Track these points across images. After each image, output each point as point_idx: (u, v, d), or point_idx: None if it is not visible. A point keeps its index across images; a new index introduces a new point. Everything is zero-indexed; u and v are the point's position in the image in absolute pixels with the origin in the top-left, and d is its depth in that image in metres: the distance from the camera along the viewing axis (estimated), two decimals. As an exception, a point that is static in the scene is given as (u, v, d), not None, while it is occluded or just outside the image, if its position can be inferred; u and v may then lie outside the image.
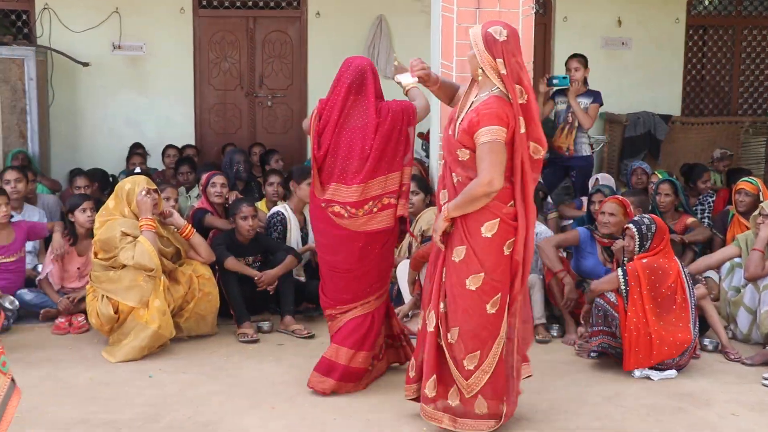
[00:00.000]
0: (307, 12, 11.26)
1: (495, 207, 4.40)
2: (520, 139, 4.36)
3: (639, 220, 5.84)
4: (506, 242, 4.46)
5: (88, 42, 10.72)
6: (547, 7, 11.68)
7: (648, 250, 5.74)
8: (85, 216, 6.78)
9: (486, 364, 4.47)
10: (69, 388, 5.29)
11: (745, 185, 7.38)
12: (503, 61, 4.33)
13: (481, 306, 4.45)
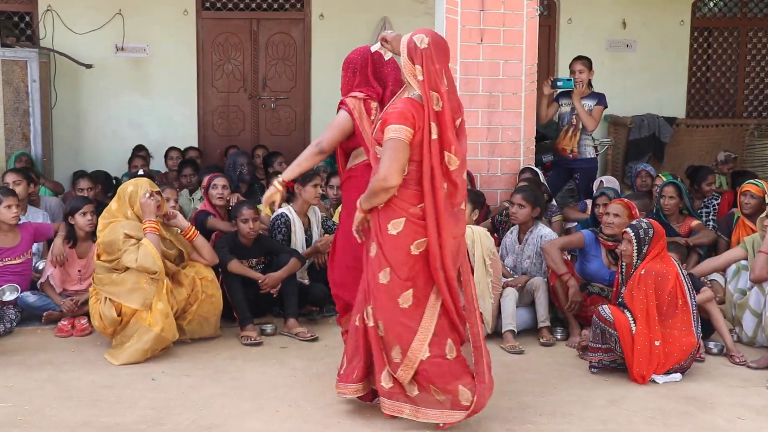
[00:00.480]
0: (310, 14, 11.26)
1: (402, 206, 4.53)
2: (430, 144, 4.47)
3: (637, 224, 5.80)
4: (414, 242, 4.55)
5: (91, 44, 10.72)
6: (551, 8, 11.67)
7: (646, 254, 5.70)
8: (85, 219, 6.75)
9: (408, 359, 4.55)
10: (71, 391, 5.27)
11: (750, 187, 7.37)
12: (421, 67, 4.46)
13: (393, 300, 4.56)
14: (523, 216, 6.86)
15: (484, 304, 6.33)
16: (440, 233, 4.52)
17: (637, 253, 5.70)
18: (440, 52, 4.52)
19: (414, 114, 4.45)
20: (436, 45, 4.51)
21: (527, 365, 5.91)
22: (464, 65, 7.73)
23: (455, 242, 4.64)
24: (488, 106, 7.80)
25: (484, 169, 7.86)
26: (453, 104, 4.59)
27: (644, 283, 5.56)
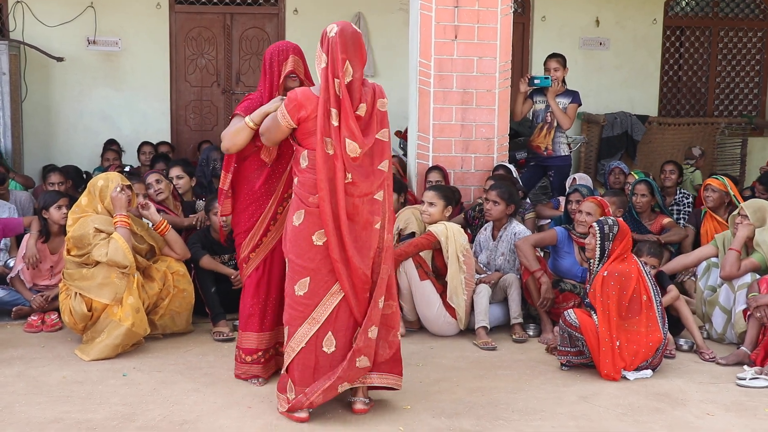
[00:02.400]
0: (284, 9, 11.22)
1: (302, 196, 4.65)
2: (330, 131, 4.53)
3: (603, 219, 5.84)
4: (315, 232, 4.62)
5: (62, 37, 10.64)
6: (525, 6, 11.70)
7: (609, 252, 5.72)
8: (60, 213, 6.70)
9: (293, 342, 4.64)
10: (42, 387, 5.22)
11: (711, 182, 7.84)
12: (326, 55, 4.53)
13: (290, 286, 4.68)
14: (497, 213, 6.88)
15: (458, 301, 6.35)
16: (338, 224, 4.57)
17: (600, 249, 5.73)
18: (348, 44, 4.51)
19: (300, 100, 4.57)
20: (344, 35, 4.52)
21: (500, 362, 5.92)
22: (438, 62, 7.73)
23: (366, 234, 4.66)
24: (462, 102, 7.81)
25: (458, 165, 7.88)
26: (357, 94, 4.58)
27: (607, 285, 5.59)
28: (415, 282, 6.39)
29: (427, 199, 6.63)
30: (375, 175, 4.63)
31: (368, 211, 4.64)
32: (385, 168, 4.67)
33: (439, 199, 6.58)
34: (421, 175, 7.87)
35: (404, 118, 9.11)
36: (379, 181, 4.66)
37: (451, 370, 5.68)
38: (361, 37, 4.59)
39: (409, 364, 5.76)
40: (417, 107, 7.87)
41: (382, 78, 11.22)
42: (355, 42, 4.55)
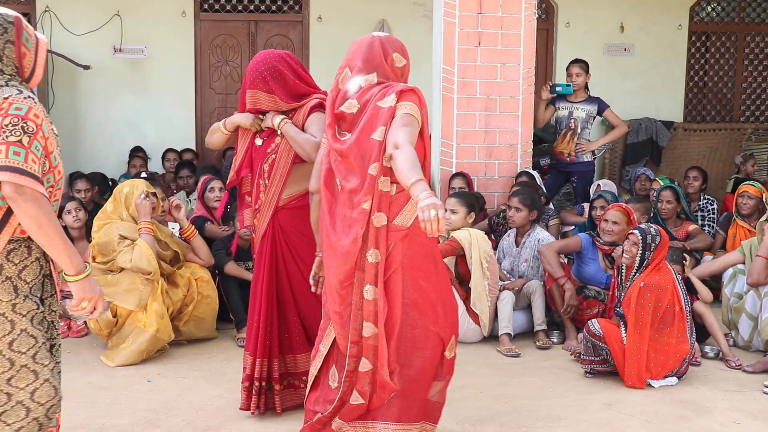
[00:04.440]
0: (308, 16, 11.25)
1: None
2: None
3: (646, 228, 5.72)
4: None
5: (89, 45, 10.72)
6: (549, 12, 11.68)
7: (648, 261, 5.67)
8: (71, 217, 6.74)
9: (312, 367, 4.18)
10: (67, 393, 5.23)
11: (748, 188, 7.54)
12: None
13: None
14: (520, 219, 6.87)
15: (481, 307, 6.34)
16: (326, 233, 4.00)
17: (640, 258, 5.67)
18: (351, 50, 4.12)
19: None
20: (352, 44, 4.16)
21: (523, 368, 5.90)
22: (461, 68, 7.74)
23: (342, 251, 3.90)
24: (486, 109, 7.80)
25: (482, 172, 7.87)
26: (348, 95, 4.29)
27: (643, 296, 5.53)
28: (438, 288, 6.38)
29: (449, 206, 6.63)
30: (362, 178, 3.84)
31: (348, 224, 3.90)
32: (374, 171, 3.80)
33: (461, 206, 6.58)
34: (444, 181, 7.86)
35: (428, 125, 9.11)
36: (367, 187, 3.81)
37: (475, 377, 5.67)
38: (372, 41, 4.06)
39: (433, 371, 5.76)
40: (440, 114, 7.87)
41: (405, 85, 11.22)
42: (359, 46, 4.09)
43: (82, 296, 3.12)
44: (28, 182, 2.93)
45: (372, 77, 3.98)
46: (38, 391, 3.15)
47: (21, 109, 3.00)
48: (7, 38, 3.15)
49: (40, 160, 3.01)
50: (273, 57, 4.67)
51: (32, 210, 2.94)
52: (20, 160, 2.93)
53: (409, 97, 3.83)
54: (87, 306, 3.13)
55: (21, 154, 2.94)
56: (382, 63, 4.03)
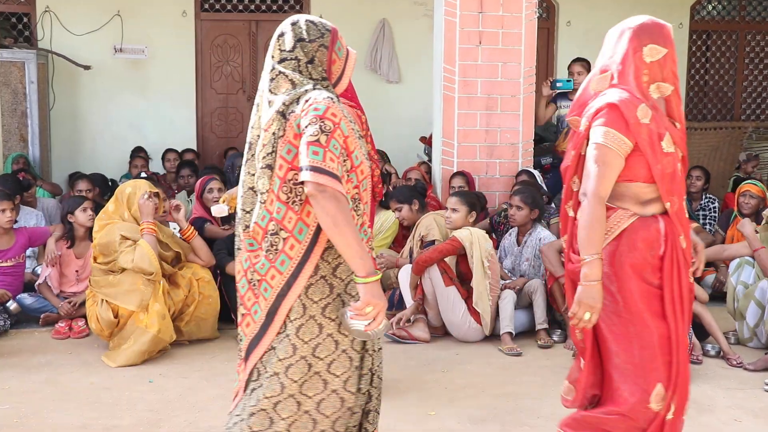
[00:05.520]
0: (309, 16, 11.24)
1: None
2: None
3: None
4: None
5: (89, 45, 10.72)
6: (550, 11, 11.68)
7: None
8: (86, 215, 6.75)
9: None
10: (69, 394, 5.26)
11: (750, 187, 7.52)
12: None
13: None
14: (521, 218, 6.87)
15: (483, 306, 6.34)
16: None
17: None
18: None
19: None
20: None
21: (525, 367, 5.90)
22: (462, 67, 7.73)
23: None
24: (486, 108, 7.80)
25: (483, 171, 7.87)
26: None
27: None
28: (440, 288, 6.39)
29: (450, 205, 6.63)
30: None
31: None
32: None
33: (462, 205, 6.58)
34: (445, 180, 7.86)
35: (429, 124, 9.11)
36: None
37: (477, 376, 5.67)
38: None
39: (434, 370, 5.77)
40: (441, 113, 7.87)
41: (406, 84, 11.24)
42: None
43: (369, 300, 3.04)
44: (327, 180, 2.96)
45: None
46: (324, 402, 3.22)
47: (319, 109, 3.04)
48: (322, 42, 3.24)
49: (339, 159, 3.03)
50: None
51: (330, 208, 2.97)
52: (319, 159, 2.97)
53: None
54: (370, 312, 3.05)
55: (319, 153, 2.98)
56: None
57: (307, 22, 3.26)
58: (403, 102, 11.22)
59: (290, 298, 3.15)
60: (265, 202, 3.16)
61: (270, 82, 3.22)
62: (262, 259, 3.17)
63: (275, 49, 3.25)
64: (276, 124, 3.11)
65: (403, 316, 6.48)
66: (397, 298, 6.93)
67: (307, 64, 3.21)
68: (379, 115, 11.21)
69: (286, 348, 3.18)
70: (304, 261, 3.12)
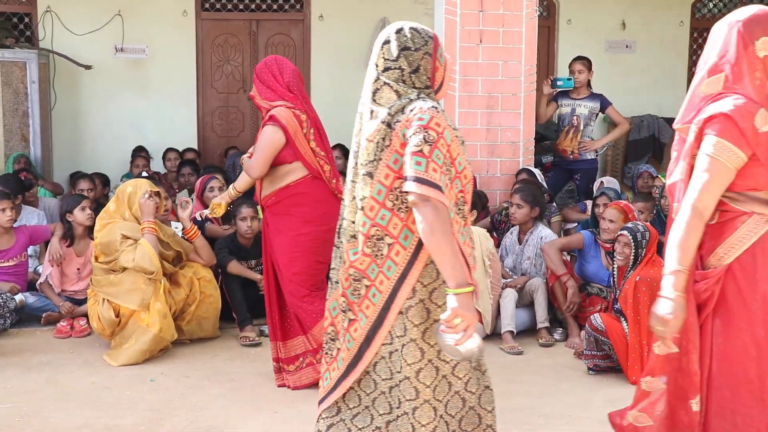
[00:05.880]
0: (310, 15, 11.25)
1: None
2: None
3: (633, 227, 5.74)
4: None
5: (90, 45, 10.71)
6: (550, 9, 11.67)
7: (642, 258, 5.66)
8: (84, 214, 6.75)
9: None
10: (70, 393, 5.27)
11: None
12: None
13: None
14: (521, 216, 6.87)
15: (484, 305, 6.34)
16: None
17: (634, 257, 5.67)
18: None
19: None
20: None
21: (526, 366, 5.90)
22: (463, 66, 7.73)
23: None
24: (487, 107, 7.80)
25: (484, 170, 7.86)
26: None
27: (639, 290, 5.52)
28: (441, 287, 6.38)
29: (451, 203, 6.63)
30: None
31: None
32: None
33: None
34: (446, 179, 7.85)
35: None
36: None
37: (478, 375, 5.66)
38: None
39: (436, 369, 5.76)
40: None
41: (407, 83, 11.22)
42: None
43: (457, 311, 3.00)
44: (430, 191, 2.99)
45: None
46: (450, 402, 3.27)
47: (423, 119, 3.06)
48: (426, 50, 3.22)
49: (442, 168, 3.05)
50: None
51: (430, 216, 2.99)
52: (421, 170, 3.01)
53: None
54: (460, 324, 3.00)
55: (422, 163, 3.01)
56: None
57: (411, 29, 3.24)
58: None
59: (397, 303, 3.16)
60: (364, 209, 3.17)
61: (374, 93, 3.23)
62: (372, 264, 3.18)
63: (379, 58, 3.24)
64: (381, 134, 3.14)
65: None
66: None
67: (411, 73, 3.21)
68: (380, 113, 11.23)
69: (414, 352, 3.17)
70: (409, 267, 3.14)
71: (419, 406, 3.16)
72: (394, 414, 3.21)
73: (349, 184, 3.32)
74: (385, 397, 3.23)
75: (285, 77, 5.26)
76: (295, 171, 5.19)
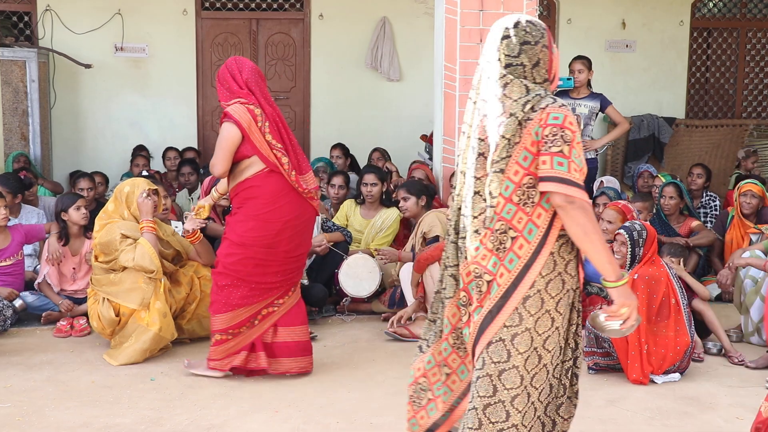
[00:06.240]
0: (310, 14, 11.25)
1: None
2: None
3: (630, 226, 5.77)
4: None
5: (90, 44, 10.72)
6: (551, 9, 11.66)
7: (640, 257, 5.67)
8: (79, 213, 6.75)
9: None
10: (70, 392, 5.27)
11: (751, 187, 7.45)
12: None
13: None
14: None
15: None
16: None
17: (630, 256, 5.68)
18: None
19: None
20: None
21: (526, 365, 5.89)
22: (463, 65, 7.72)
23: None
24: (487, 106, 7.78)
25: (484, 169, 7.84)
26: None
27: (637, 288, 5.53)
28: (441, 286, 6.38)
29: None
30: None
31: None
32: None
33: None
34: (446, 179, 7.85)
35: (429, 122, 9.12)
36: None
37: (478, 374, 5.66)
38: None
39: (436, 368, 5.76)
40: (442, 111, 7.85)
41: (407, 82, 11.23)
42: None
43: (623, 302, 3.17)
44: (575, 192, 3.03)
45: None
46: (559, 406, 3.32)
47: (558, 118, 3.08)
48: (544, 43, 3.24)
49: (581, 168, 3.08)
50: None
51: (580, 218, 3.04)
52: (564, 170, 3.03)
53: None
54: (625, 312, 3.17)
55: (564, 164, 3.04)
56: None
57: (528, 23, 3.25)
58: (404, 100, 11.21)
59: (515, 297, 3.18)
60: (495, 206, 3.18)
61: (501, 89, 3.21)
62: (493, 258, 3.20)
63: (500, 53, 3.24)
64: (511, 130, 3.14)
65: (404, 314, 6.48)
66: (399, 296, 6.93)
67: (532, 68, 3.22)
68: (380, 113, 11.24)
69: (526, 341, 3.19)
70: (531, 261, 3.17)
71: (519, 394, 3.20)
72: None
73: (470, 180, 3.30)
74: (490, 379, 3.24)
75: (244, 75, 5.39)
76: (253, 165, 5.27)
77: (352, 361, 5.94)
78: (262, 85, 5.42)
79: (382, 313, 7.03)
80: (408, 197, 7.30)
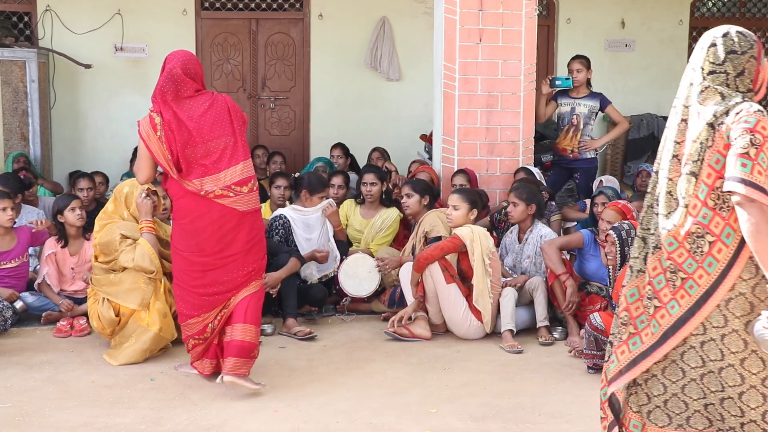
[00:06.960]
0: (309, 14, 11.25)
1: None
2: None
3: (618, 226, 5.81)
4: None
5: (90, 44, 10.72)
6: (550, 8, 11.67)
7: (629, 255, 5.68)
8: (74, 215, 6.75)
9: None
10: (71, 392, 5.27)
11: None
12: None
13: None
14: (518, 214, 6.88)
15: (484, 304, 6.34)
16: None
17: (620, 255, 5.70)
18: None
19: None
20: None
21: (526, 365, 5.91)
22: (463, 65, 7.73)
23: None
24: (487, 105, 7.80)
25: (483, 168, 7.87)
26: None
27: None
28: (441, 285, 6.39)
29: (451, 202, 6.64)
30: None
31: None
32: None
33: (463, 202, 6.58)
34: (446, 178, 7.87)
35: (429, 122, 9.12)
36: None
37: (478, 374, 5.67)
38: None
39: (435, 368, 5.77)
40: (442, 111, 7.87)
41: (406, 82, 11.23)
42: None
43: None
44: (755, 194, 3.06)
45: None
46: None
47: (749, 122, 3.13)
48: (752, 53, 3.30)
49: (767, 171, 3.10)
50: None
51: (756, 217, 3.07)
52: (747, 172, 3.07)
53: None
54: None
55: (747, 165, 3.08)
56: None
57: (737, 33, 3.32)
58: (404, 100, 11.22)
59: (716, 297, 3.22)
60: (688, 206, 3.24)
61: (699, 95, 3.35)
62: (689, 259, 3.25)
63: (705, 61, 3.35)
64: (705, 134, 3.22)
65: (404, 314, 6.48)
66: (398, 295, 6.93)
67: (735, 77, 3.29)
68: (380, 113, 11.24)
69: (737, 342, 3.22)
70: (731, 264, 3.20)
71: (746, 391, 3.22)
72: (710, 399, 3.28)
73: (663, 180, 3.37)
74: (696, 383, 3.29)
75: (160, 80, 5.59)
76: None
77: (352, 361, 5.95)
78: (177, 90, 5.56)
79: (382, 313, 7.04)
80: (412, 194, 7.30)
